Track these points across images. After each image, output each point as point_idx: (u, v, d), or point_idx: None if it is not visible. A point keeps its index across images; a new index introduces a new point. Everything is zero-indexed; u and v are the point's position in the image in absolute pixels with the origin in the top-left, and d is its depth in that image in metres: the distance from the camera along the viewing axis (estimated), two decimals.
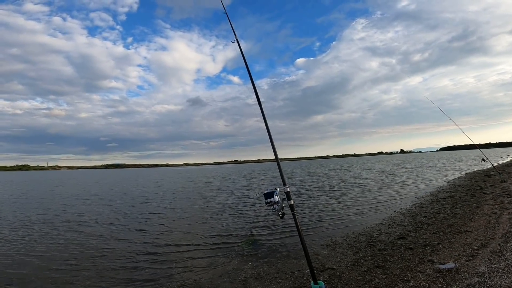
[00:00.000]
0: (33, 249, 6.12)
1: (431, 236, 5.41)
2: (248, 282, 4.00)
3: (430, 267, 3.82)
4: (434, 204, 8.68)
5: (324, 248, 5.29)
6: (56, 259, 5.36)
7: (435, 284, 3.24)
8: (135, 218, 9.21)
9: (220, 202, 12.25)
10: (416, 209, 8.16)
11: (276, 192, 2.68)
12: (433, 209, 7.94)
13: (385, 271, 3.94)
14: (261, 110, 3.13)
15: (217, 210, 10.21)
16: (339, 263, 4.47)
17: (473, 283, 2.98)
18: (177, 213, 10.05)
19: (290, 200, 2.55)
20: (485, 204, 7.56)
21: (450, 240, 4.96)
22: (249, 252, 5.41)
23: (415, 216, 7.29)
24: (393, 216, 7.64)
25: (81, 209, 11.72)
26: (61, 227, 8.13)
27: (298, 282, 3.87)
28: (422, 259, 4.20)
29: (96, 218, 9.44)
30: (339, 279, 3.83)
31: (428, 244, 4.91)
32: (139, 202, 13.20)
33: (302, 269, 4.34)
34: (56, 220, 9.28)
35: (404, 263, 4.16)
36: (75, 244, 6.40)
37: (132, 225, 8.12)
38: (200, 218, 8.90)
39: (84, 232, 7.49)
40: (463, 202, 8.36)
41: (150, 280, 4.29)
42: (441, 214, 7.20)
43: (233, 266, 4.70)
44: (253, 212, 9.45)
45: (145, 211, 10.63)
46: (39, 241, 6.80)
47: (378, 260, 4.41)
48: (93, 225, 8.29)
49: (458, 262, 3.78)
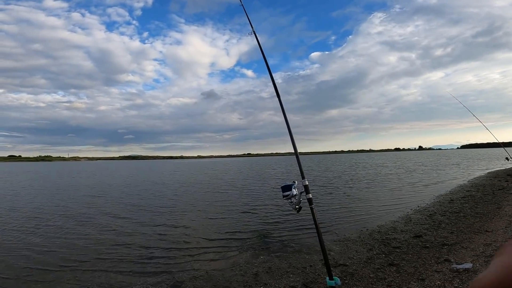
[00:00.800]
0: (46, 241, 6.26)
1: (449, 235, 5.24)
2: (259, 276, 4.02)
3: (447, 266, 3.71)
4: (454, 203, 8.41)
5: (337, 244, 5.24)
6: (71, 252, 5.47)
7: (451, 284, 3.14)
8: (148, 211, 9.40)
9: (233, 196, 12.34)
10: (434, 208, 7.93)
11: (294, 185, 2.63)
12: (452, 208, 7.69)
13: (399, 269, 3.85)
14: (279, 100, 3.07)
15: (229, 204, 10.30)
16: (352, 259, 4.42)
17: None
18: (190, 207, 10.20)
19: (308, 194, 2.49)
20: (507, 205, 7.26)
21: (468, 240, 4.80)
22: (261, 246, 5.43)
23: (433, 214, 7.09)
24: (409, 214, 7.46)
25: (96, 200, 12.09)
26: (75, 219, 8.28)
27: (309, 278, 3.86)
28: (439, 259, 4.08)
29: (109, 210, 9.68)
30: (352, 275, 3.78)
31: (446, 243, 4.77)
32: (152, 195, 13.48)
33: (314, 264, 4.32)
34: (71, 212, 9.56)
35: (420, 261, 4.06)
36: (89, 236, 6.55)
37: (144, 218, 8.28)
38: (212, 212, 9.01)
39: (97, 224, 7.65)
40: (484, 202, 8.05)
41: (163, 272, 4.38)
42: (461, 213, 6.96)
43: (245, 260, 4.73)
44: (265, 207, 9.47)
45: (158, 204, 10.85)
46: (52, 233, 6.93)
47: (392, 258, 4.32)
48: (107, 217, 8.49)
49: (476, 263, 3.65)
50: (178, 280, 3.99)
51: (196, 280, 3.98)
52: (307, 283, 3.70)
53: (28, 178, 26.15)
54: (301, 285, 3.65)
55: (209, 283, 3.86)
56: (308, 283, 3.68)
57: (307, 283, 3.70)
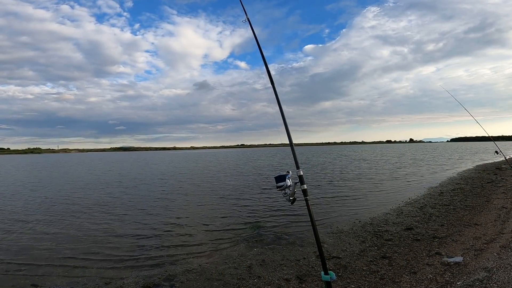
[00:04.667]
0: (36, 235, 6.16)
1: (439, 228, 5.33)
2: (253, 269, 4.01)
3: (438, 259, 3.76)
4: (444, 195, 8.55)
5: (330, 237, 5.28)
6: (61, 246, 5.36)
7: (442, 278, 3.19)
8: (139, 203, 9.33)
9: (225, 188, 12.32)
10: (425, 200, 8.06)
11: (288, 175, 2.56)
12: (442, 200, 7.82)
13: (391, 262, 3.90)
14: (274, 89, 2.98)
15: (222, 196, 10.28)
16: (345, 252, 4.45)
17: (481, 277, 2.92)
18: (182, 199, 10.15)
19: (303, 185, 2.42)
20: (495, 198, 7.41)
21: (459, 233, 4.88)
22: (255, 238, 5.42)
23: (424, 207, 7.20)
24: (401, 206, 7.55)
25: (83, 193, 11.94)
26: (63, 212, 8.14)
27: (303, 270, 3.87)
28: (430, 252, 4.14)
29: (98, 203, 9.56)
30: (345, 268, 3.81)
31: (436, 236, 4.84)
32: (144, 187, 13.38)
33: (307, 257, 4.34)
34: (58, 205, 9.45)
35: (411, 254, 4.12)
36: (78, 229, 6.44)
37: (136, 211, 8.21)
38: (205, 204, 8.98)
39: (86, 217, 7.54)
40: (473, 195, 8.21)
41: (155, 265, 4.34)
42: (451, 206, 7.08)
43: (238, 252, 4.72)
44: (258, 198, 9.48)
45: (150, 196, 10.77)
46: (41, 226, 6.84)
47: (385, 250, 4.37)
48: (96, 211, 8.37)
49: (466, 256, 3.71)
50: (170, 274, 3.96)
51: (189, 273, 3.96)
52: (301, 275, 3.71)
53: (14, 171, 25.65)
54: (295, 278, 3.66)
55: (202, 276, 3.84)
56: (302, 276, 3.69)
57: (301, 275, 3.71)
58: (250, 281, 3.65)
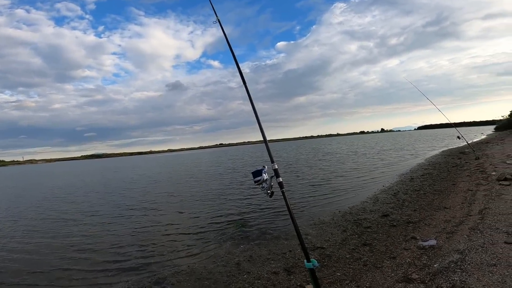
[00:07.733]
0: (18, 244, 5.97)
1: (412, 213, 5.68)
2: (241, 265, 4.09)
3: (414, 244, 4.04)
4: (414, 181, 9.07)
5: (313, 228, 5.46)
6: (44, 255, 5.23)
7: (419, 261, 3.43)
8: (119, 209, 9.10)
9: (205, 188, 12.27)
10: (397, 187, 8.51)
11: (264, 170, 2.65)
12: (413, 186, 8.30)
13: (372, 248, 4.13)
14: (246, 88, 3.04)
15: (203, 196, 10.24)
16: (328, 242, 4.64)
17: (455, 259, 3.17)
18: (164, 201, 10.01)
19: (278, 178, 2.53)
20: (461, 181, 7.97)
21: (430, 217, 5.23)
22: (240, 235, 5.50)
23: (397, 193, 7.61)
24: (376, 194, 7.94)
25: (64, 203, 11.43)
26: (44, 221, 7.93)
27: (290, 262, 4.01)
28: (406, 236, 4.42)
29: (80, 210, 9.26)
30: (329, 257, 3.98)
31: (410, 221, 5.17)
32: (122, 193, 13.00)
33: (293, 249, 4.48)
34: (40, 214, 9.03)
35: (390, 240, 4.38)
36: (62, 238, 6.26)
37: (116, 217, 8.01)
38: (187, 205, 8.91)
39: (69, 225, 7.34)
40: (441, 179, 8.78)
41: (143, 269, 4.29)
42: (421, 191, 7.54)
43: (225, 250, 4.77)
44: (240, 195, 9.55)
45: (130, 201, 10.52)
46: (23, 234, 6.63)
47: (365, 238, 4.61)
48: (78, 219, 8.14)
49: (439, 239, 4.00)
50: (159, 277, 3.94)
51: (178, 275, 3.96)
52: (288, 268, 3.84)
53: None
54: (283, 270, 3.78)
55: (192, 277, 3.86)
56: (289, 268, 3.82)
57: (288, 268, 3.84)
58: (240, 277, 3.72)
